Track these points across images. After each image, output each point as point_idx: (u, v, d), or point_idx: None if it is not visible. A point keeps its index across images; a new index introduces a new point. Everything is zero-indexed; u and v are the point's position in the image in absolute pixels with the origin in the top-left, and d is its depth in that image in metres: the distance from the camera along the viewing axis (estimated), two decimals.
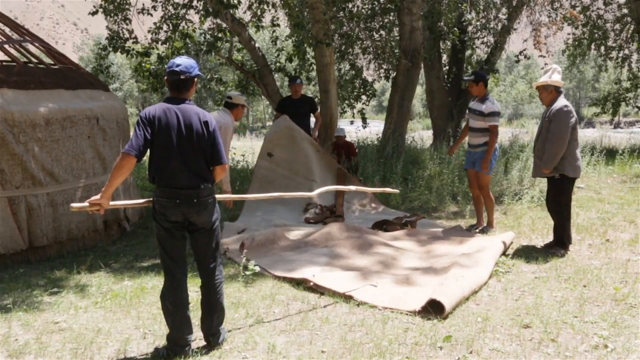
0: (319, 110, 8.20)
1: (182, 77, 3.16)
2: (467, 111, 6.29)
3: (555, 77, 5.22)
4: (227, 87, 13.15)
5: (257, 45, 9.48)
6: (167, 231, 3.18)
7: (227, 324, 3.52)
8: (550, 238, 5.50)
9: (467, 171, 6.26)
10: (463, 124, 13.47)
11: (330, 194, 7.15)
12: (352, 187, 5.37)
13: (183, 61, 3.19)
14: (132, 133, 3.18)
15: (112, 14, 9.70)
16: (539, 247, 5.42)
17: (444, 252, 5.18)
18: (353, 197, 7.42)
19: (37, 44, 6.65)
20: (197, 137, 3.14)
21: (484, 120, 5.88)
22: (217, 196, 3.40)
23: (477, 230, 6.08)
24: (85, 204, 3.08)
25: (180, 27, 9.88)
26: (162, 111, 3.13)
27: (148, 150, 3.15)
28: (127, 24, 9.95)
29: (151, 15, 10.03)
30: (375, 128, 12.09)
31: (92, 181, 5.84)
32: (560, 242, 5.25)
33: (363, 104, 12.71)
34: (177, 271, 3.22)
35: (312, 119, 8.22)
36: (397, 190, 6.16)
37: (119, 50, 9.70)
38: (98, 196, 3.06)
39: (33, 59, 6.58)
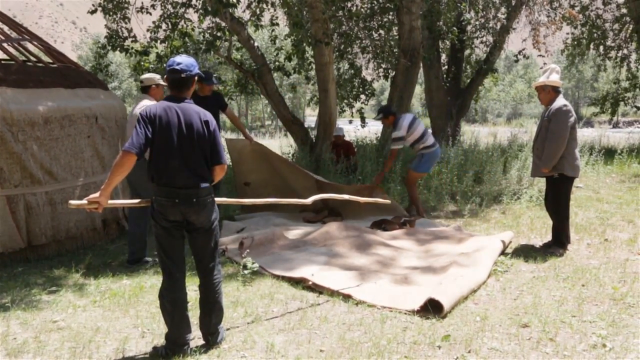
0: (228, 105, 6.89)
1: (182, 75, 3.16)
2: None
3: (553, 77, 5.23)
4: (226, 86, 13.15)
5: (256, 44, 9.47)
6: (166, 230, 3.17)
7: (225, 323, 3.52)
8: (549, 237, 5.50)
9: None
10: (462, 124, 13.42)
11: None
12: (346, 196, 5.22)
13: (183, 60, 3.19)
14: (131, 131, 3.17)
15: (111, 13, 9.69)
16: (537, 246, 5.43)
17: (443, 251, 5.19)
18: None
19: (35, 43, 6.64)
20: (197, 136, 3.14)
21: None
22: (217, 199, 3.40)
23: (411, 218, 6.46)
24: (84, 201, 3.07)
25: (179, 26, 9.86)
26: (163, 110, 3.13)
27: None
28: (126, 23, 9.92)
29: (150, 14, 10.01)
30: (374, 127, 12.05)
31: (91, 180, 5.84)
32: (559, 241, 5.25)
33: (362, 103, 12.69)
34: (176, 270, 3.22)
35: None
36: (388, 201, 6.15)
37: (118, 49, 9.68)
38: (97, 194, 3.05)
39: (32, 58, 6.56)
